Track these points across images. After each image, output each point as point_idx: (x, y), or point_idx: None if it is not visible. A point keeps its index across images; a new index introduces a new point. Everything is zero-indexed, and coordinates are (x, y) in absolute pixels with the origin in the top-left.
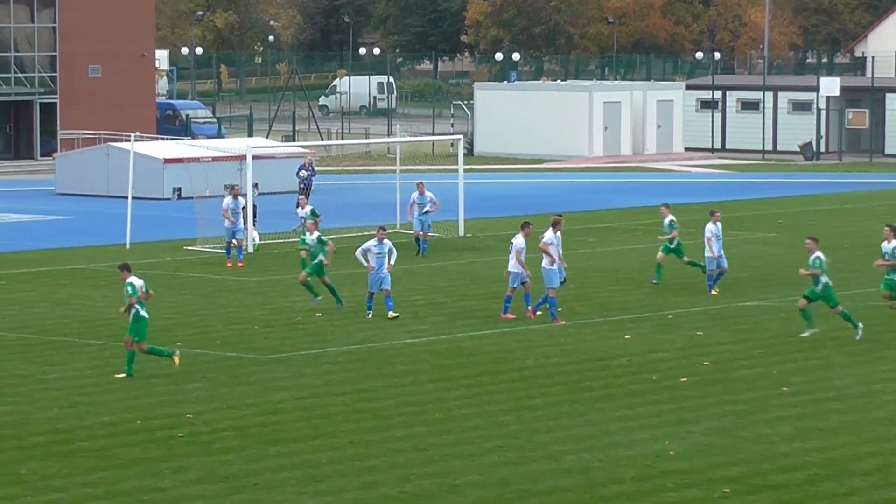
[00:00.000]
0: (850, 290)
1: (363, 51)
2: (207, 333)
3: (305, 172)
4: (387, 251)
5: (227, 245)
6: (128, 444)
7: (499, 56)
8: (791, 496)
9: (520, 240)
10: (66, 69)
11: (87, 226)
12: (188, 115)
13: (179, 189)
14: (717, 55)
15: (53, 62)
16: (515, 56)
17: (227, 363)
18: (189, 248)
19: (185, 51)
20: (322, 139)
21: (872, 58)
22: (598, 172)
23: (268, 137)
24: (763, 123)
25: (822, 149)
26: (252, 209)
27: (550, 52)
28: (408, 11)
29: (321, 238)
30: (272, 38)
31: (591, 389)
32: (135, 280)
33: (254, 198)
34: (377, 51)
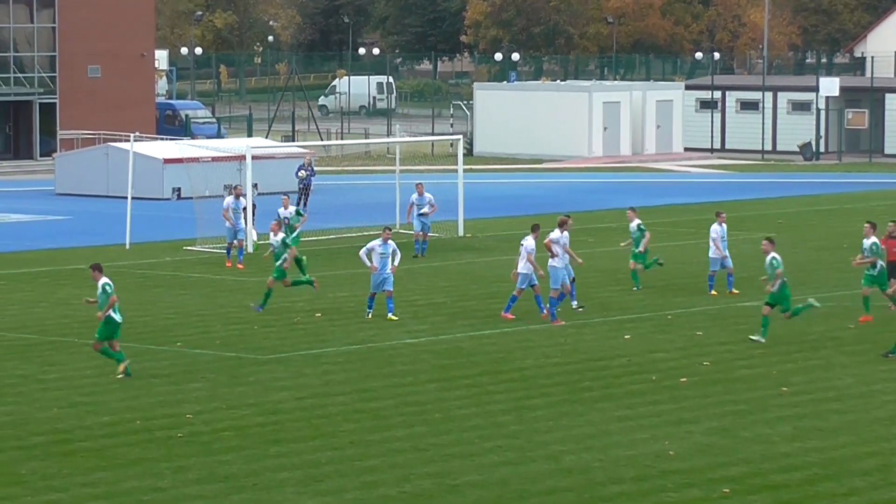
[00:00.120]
0: (850, 291)
1: (362, 51)
2: (207, 333)
3: (305, 172)
4: (391, 252)
5: (228, 245)
6: (128, 444)
7: (498, 56)
8: (791, 496)
9: (530, 241)
10: (66, 69)
11: (87, 226)
12: (188, 116)
13: (179, 189)
14: (717, 55)
15: (53, 62)
16: (515, 56)
17: (227, 363)
18: (189, 249)
19: (185, 51)
20: (321, 139)
21: (872, 58)
22: (598, 172)
23: (267, 137)
24: (762, 123)
25: (822, 149)
26: (251, 209)
27: (550, 53)
28: (407, 11)
29: (285, 240)
30: (271, 39)
31: (591, 389)
32: (108, 280)
33: (253, 198)
34: (376, 51)
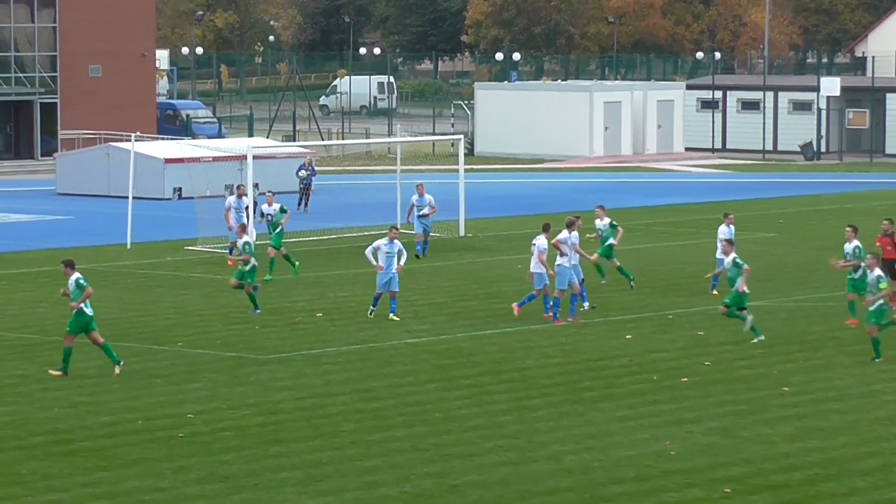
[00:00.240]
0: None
1: (363, 51)
2: (208, 333)
3: (305, 172)
4: (396, 251)
5: (231, 245)
6: (128, 444)
7: (499, 56)
8: (792, 496)
9: (542, 241)
10: (67, 69)
11: (88, 226)
12: (188, 115)
13: (180, 189)
14: (718, 55)
15: (54, 62)
16: (516, 56)
17: (228, 363)
18: (189, 248)
19: (186, 51)
20: (322, 139)
21: (873, 58)
22: (599, 172)
23: (268, 137)
24: (763, 123)
25: (823, 149)
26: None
27: (551, 52)
28: (408, 11)
29: (247, 243)
30: (272, 38)
31: (592, 389)
32: (80, 275)
33: (254, 197)
34: (377, 51)
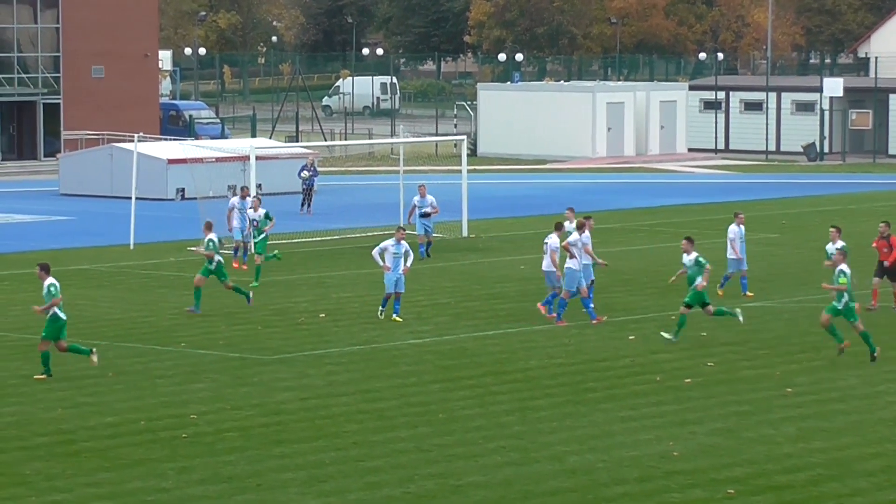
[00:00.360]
0: (858, 291)
1: (366, 51)
2: (211, 334)
3: (307, 173)
4: (403, 252)
5: (236, 246)
6: (132, 445)
7: (502, 56)
8: (795, 497)
9: (554, 239)
10: (70, 69)
11: (91, 226)
12: (191, 116)
13: (183, 189)
14: (721, 56)
15: (57, 62)
16: (518, 56)
17: (231, 364)
18: (192, 249)
19: (189, 51)
20: (325, 140)
21: (876, 58)
22: (602, 173)
23: (271, 138)
24: (766, 124)
25: (826, 149)
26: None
27: (553, 53)
28: (411, 12)
29: (211, 241)
30: (275, 39)
31: (595, 390)
32: (55, 281)
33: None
34: (380, 51)
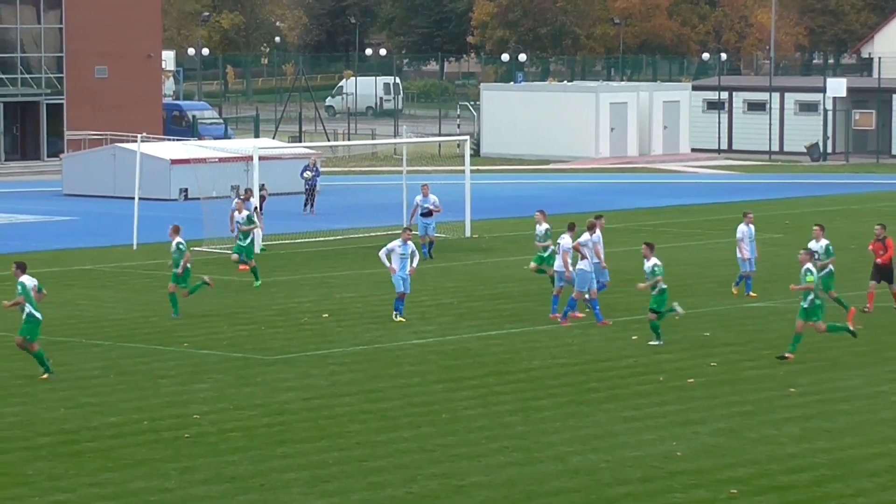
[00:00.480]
0: (860, 291)
1: (369, 52)
2: (214, 334)
3: (310, 173)
4: (410, 253)
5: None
6: (134, 445)
7: (505, 57)
8: (798, 497)
9: (567, 240)
10: (73, 70)
11: (94, 226)
12: (194, 116)
13: (186, 190)
14: (724, 56)
15: (60, 63)
16: (522, 57)
17: (234, 364)
18: (195, 249)
19: (192, 51)
20: (328, 140)
21: (879, 59)
22: (605, 173)
23: (274, 138)
24: (769, 124)
25: (829, 150)
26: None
27: (556, 53)
28: (414, 12)
29: (179, 245)
30: (278, 39)
31: (598, 390)
32: (27, 280)
33: (263, 190)
34: (383, 52)
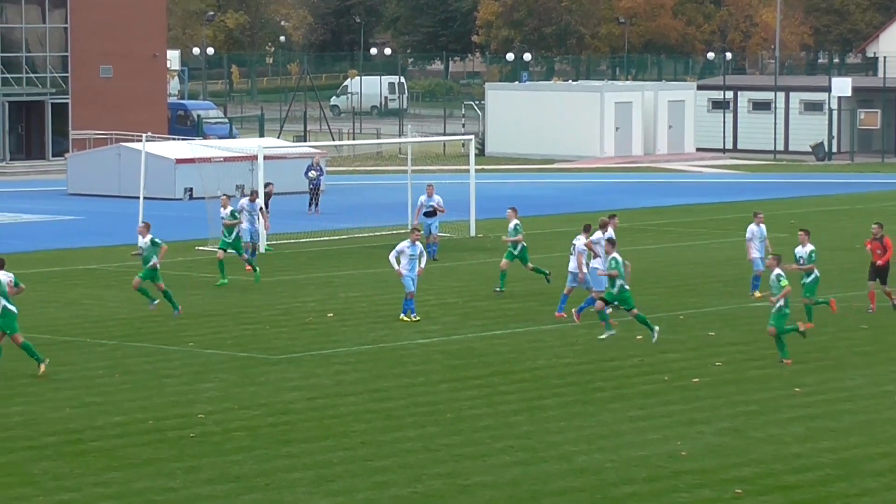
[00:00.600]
0: (864, 291)
1: (374, 51)
2: (219, 333)
3: (315, 173)
4: (418, 253)
5: (245, 246)
6: (139, 444)
7: (510, 56)
8: (803, 497)
9: (582, 241)
10: (78, 69)
11: (99, 226)
12: (199, 116)
13: (191, 189)
14: (729, 55)
15: (65, 62)
16: (526, 56)
17: (239, 363)
18: (200, 249)
19: (197, 51)
20: (333, 139)
21: (884, 58)
22: (610, 173)
23: (279, 138)
24: (775, 124)
25: (834, 149)
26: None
27: (561, 53)
28: (418, 12)
29: (154, 240)
30: (283, 39)
31: (603, 390)
32: (2, 275)
33: (268, 188)
34: (388, 51)
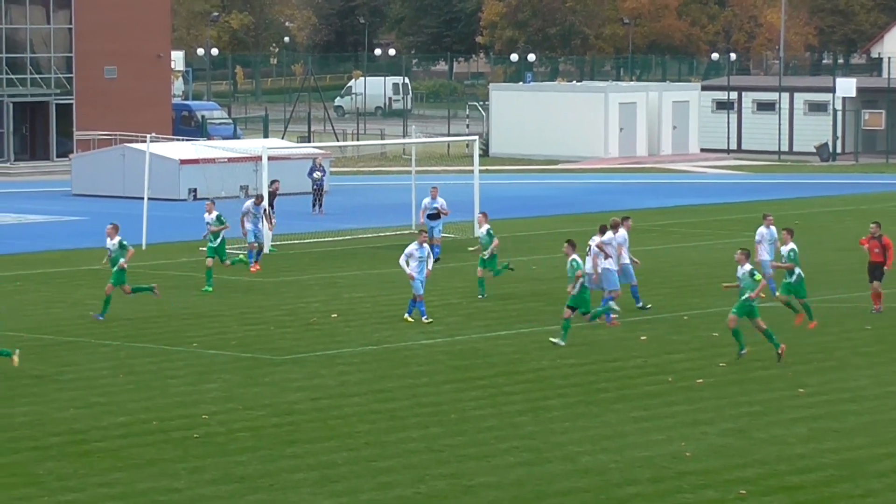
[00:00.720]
0: (867, 292)
1: (378, 52)
2: (223, 334)
3: (320, 174)
4: (426, 255)
5: (250, 248)
6: (144, 445)
7: (514, 57)
8: (806, 497)
9: (597, 241)
10: (82, 70)
11: (103, 227)
12: (204, 116)
13: (195, 190)
14: (733, 56)
15: (69, 63)
16: (531, 57)
17: (243, 364)
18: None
19: (201, 52)
20: (337, 140)
21: (889, 58)
22: (614, 173)
23: (283, 138)
24: (779, 124)
25: (839, 150)
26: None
27: (566, 53)
28: (423, 12)
29: (122, 243)
30: (287, 39)
31: (607, 390)
32: None
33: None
34: (392, 52)
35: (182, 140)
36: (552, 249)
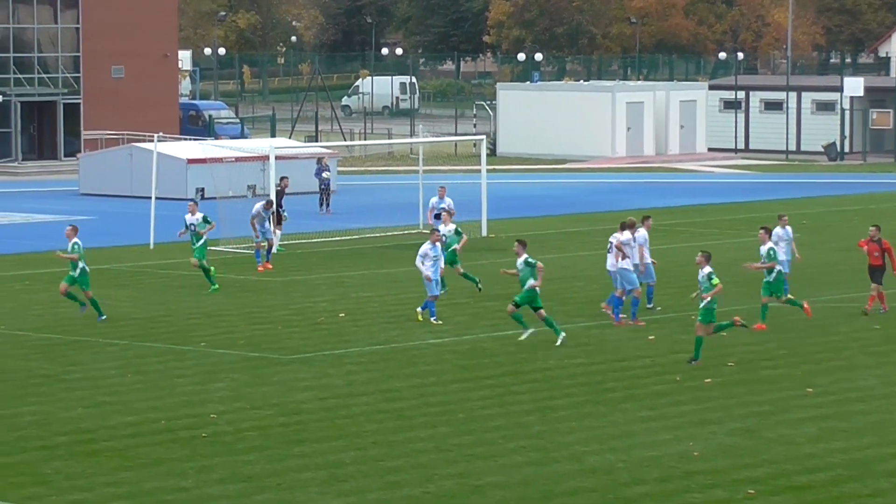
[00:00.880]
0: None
1: (385, 51)
2: (231, 333)
3: (328, 173)
4: (439, 254)
5: (258, 248)
6: (151, 444)
7: (521, 56)
8: (815, 497)
9: (618, 238)
10: (90, 69)
11: (111, 226)
12: (211, 116)
13: (202, 189)
14: (741, 55)
15: (77, 62)
16: (538, 56)
17: (251, 363)
18: (212, 249)
19: (208, 51)
20: (345, 140)
21: None
22: (621, 173)
23: (290, 138)
24: (787, 124)
25: (846, 149)
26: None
27: (573, 53)
28: (430, 12)
29: (76, 244)
30: (294, 39)
31: (615, 390)
32: None
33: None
34: (399, 51)
35: (189, 139)
36: (560, 249)
